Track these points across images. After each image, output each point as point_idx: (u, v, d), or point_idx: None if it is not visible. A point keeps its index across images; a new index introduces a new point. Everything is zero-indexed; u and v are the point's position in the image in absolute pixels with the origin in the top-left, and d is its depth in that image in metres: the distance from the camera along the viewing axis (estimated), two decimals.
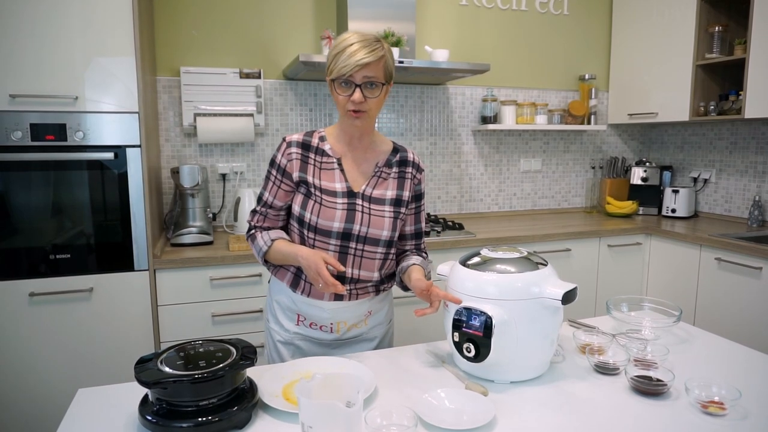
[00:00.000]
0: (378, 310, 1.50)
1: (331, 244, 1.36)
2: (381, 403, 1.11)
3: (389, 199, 1.42)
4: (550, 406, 1.11)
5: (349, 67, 1.27)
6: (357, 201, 1.38)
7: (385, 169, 1.44)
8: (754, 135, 3.06)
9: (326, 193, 1.37)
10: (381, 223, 1.39)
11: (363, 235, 1.37)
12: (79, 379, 2.10)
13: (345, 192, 1.38)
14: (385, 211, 1.40)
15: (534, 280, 1.18)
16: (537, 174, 3.48)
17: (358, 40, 1.28)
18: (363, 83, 1.29)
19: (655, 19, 3.16)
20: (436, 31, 3.12)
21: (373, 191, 1.41)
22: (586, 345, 1.34)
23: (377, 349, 1.52)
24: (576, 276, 2.84)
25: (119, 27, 2.00)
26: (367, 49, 1.28)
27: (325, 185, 1.38)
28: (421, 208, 1.51)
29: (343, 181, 1.39)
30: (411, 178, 1.46)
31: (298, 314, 1.45)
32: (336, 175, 1.39)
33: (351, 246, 1.37)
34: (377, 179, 1.42)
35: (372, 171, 1.43)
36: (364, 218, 1.37)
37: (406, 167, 1.46)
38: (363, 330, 1.48)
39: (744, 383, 1.18)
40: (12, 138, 1.95)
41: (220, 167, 2.79)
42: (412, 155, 1.49)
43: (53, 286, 2.04)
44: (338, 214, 1.36)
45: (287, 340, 1.47)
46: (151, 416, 0.99)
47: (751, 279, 2.44)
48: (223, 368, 1.02)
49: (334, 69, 1.29)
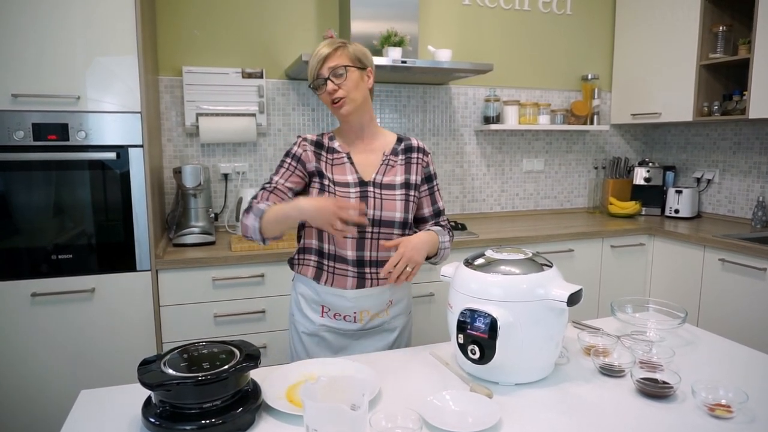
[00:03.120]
0: (398, 300, 1.57)
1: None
2: (386, 405, 1.11)
3: (399, 183, 1.50)
4: (556, 409, 1.10)
5: (313, 67, 1.42)
6: (369, 188, 1.47)
7: (392, 157, 1.53)
8: (758, 135, 3.05)
9: (339, 185, 1.46)
10: (393, 205, 1.47)
11: (377, 218, 1.46)
12: (80, 379, 2.09)
13: (357, 182, 1.47)
14: (396, 194, 1.49)
15: (539, 282, 1.17)
16: (540, 174, 3.48)
17: (324, 45, 1.42)
18: (329, 74, 1.41)
19: (659, 18, 3.15)
20: (439, 31, 3.11)
21: (383, 178, 1.50)
22: (591, 347, 1.34)
23: (399, 338, 1.58)
24: (579, 277, 2.83)
25: (121, 26, 2.00)
26: (327, 47, 1.42)
27: (338, 178, 1.47)
28: (434, 188, 1.59)
29: (354, 173, 1.48)
30: (417, 162, 1.55)
31: (323, 306, 1.51)
32: (347, 168, 1.49)
33: (367, 230, 1.46)
34: (386, 167, 1.51)
35: (380, 160, 1.52)
36: (376, 203, 1.46)
37: (411, 153, 1.55)
38: (385, 319, 1.54)
39: (751, 386, 1.17)
40: (14, 138, 1.95)
41: (222, 167, 2.79)
42: (417, 141, 1.58)
43: (55, 286, 2.04)
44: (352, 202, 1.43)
45: (313, 332, 1.53)
46: (154, 418, 0.98)
47: (756, 280, 2.43)
48: (227, 370, 1.01)
49: (309, 74, 1.45)
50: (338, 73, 1.41)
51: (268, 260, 2.27)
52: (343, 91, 1.41)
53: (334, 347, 1.53)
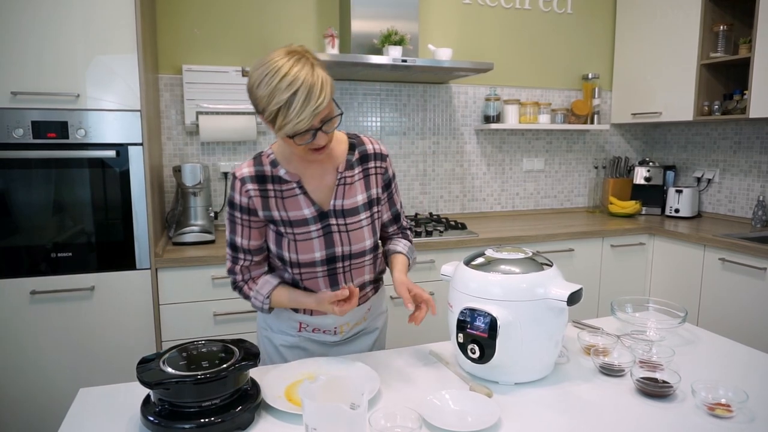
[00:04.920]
0: (376, 304, 1.51)
1: (318, 272, 1.32)
2: (385, 404, 1.10)
3: (362, 204, 1.34)
4: (555, 408, 1.10)
5: (305, 121, 1.11)
6: (330, 221, 1.30)
7: (348, 173, 1.32)
8: (759, 135, 3.05)
9: (297, 225, 1.29)
10: (361, 235, 1.33)
11: (347, 253, 1.33)
12: (80, 377, 2.09)
13: (315, 216, 1.29)
14: (362, 220, 1.33)
15: (539, 281, 1.17)
16: (540, 174, 3.47)
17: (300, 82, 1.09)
18: (322, 125, 1.16)
19: (660, 18, 3.14)
20: (439, 30, 3.10)
21: (344, 202, 1.31)
22: (590, 346, 1.33)
23: (379, 339, 1.54)
24: (579, 276, 2.83)
25: (121, 25, 2.00)
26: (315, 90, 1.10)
27: (293, 216, 1.29)
28: (392, 192, 1.43)
29: (309, 205, 1.29)
30: (376, 173, 1.37)
31: (300, 322, 1.41)
32: (300, 200, 1.29)
33: (338, 266, 1.33)
34: (344, 188, 1.32)
35: (335, 180, 1.32)
36: (343, 238, 1.31)
37: (368, 162, 1.36)
38: (364, 325, 1.49)
39: (751, 385, 1.17)
40: (13, 135, 1.94)
41: (222, 166, 2.78)
42: (372, 145, 1.37)
43: (54, 284, 2.03)
44: (316, 244, 1.29)
45: (292, 344, 1.44)
46: (153, 417, 0.98)
47: (755, 279, 2.43)
48: (226, 369, 1.01)
49: (285, 126, 1.11)
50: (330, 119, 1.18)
51: None
52: (330, 137, 1.21)
53: (314, 356, 1.42)
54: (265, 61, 1.13)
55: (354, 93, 2.99)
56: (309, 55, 1.15)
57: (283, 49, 1.15)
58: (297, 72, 1.10)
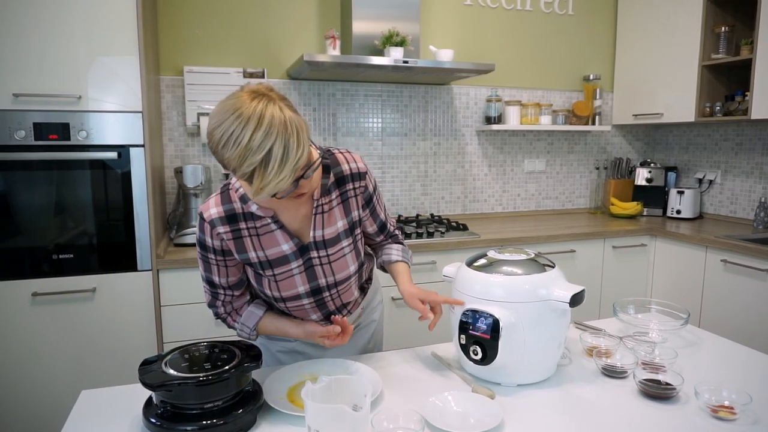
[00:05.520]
0: (368, 302, 1.48)
1: (305, 303, 1.28)
2: (387, 406, 1.10)
3: (342, 231, 1.25)
4: (558, 410, 1.09)
5: (287, 179, 0.97)
6: (312, 254, 1.22)
7: (324, 200, 1.22)
8: (761, 136, 3.05)
9: (277, 264, 1.20)
10: (344, 263, 1.27)
11: (332, 283, 1.27)
12: (81, 379, 2.09)
13: (295, 252, 1.21)
14: (344, 248, 1.26)
15: (541, 282, 1.16)
16: (541, 175, 3.47)
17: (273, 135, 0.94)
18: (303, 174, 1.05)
19: (661, 19, 3.14)
20: (441, 31, 3.10)
21: (324, 232, 1.22)
22: (593, 348, 1.33)
23: (376, 332, 1.52)
24: (581, 277, 2.83)
25: (123, 26, 2.00)
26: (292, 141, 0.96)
27: (271, 254, 1.19)
28: (374, 205, 1.33)
29: (288, 240, 1.19)
30: (355, 195, 1.26)
31: None
32: (278, 236, 1.19)
33: (325, 296, 1.29)
34: (322, 216, 1.22)
35: (312, 209, 1.21)
36: (326, 270, 1.25)
37: (345, 185, 1.24)
38: (360, 321, 1.47)
39: (754, 387, 1.17)
40: (15, 137, 1.94)
41: (223, 167, 2.78)
42: (347, 166, 1.24)
43: (56, 286, 2.04)
44: (298, 280, 1.23)
45: (289, 349, 1.41)
46: (155, 419, 0.98)
47: (758, 281, 2.42)
48: (228, 370, 1.01)
49: (264, 188, 0.97)
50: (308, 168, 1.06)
51: None
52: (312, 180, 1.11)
53: (313, 357, 1.40)
54: (226, 111, 0.97)
55: (355, 94, 2.99)
56: (274, 95, 1.00)
57: (244, 93, 0.99)
58: (268, 123, 0.95)
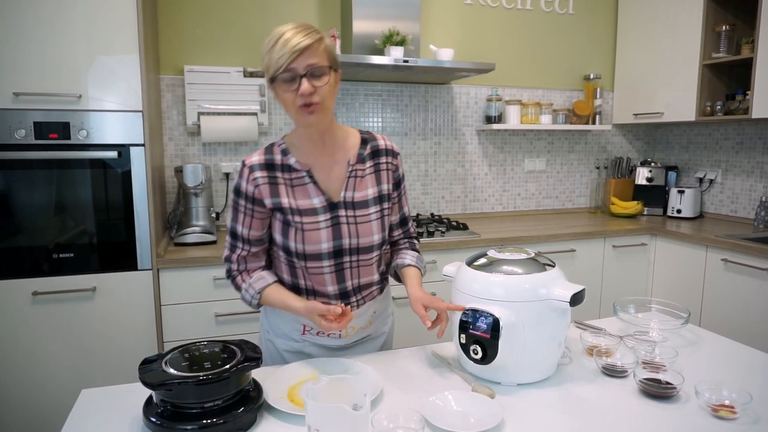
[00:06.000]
0: (382, 308, 1.48)
1: (325, 266, 1.29)
2: (387, 405, 1.10)
3: (372, 198, 1.32)
4: (558, 409, 1.09)
5: (286, 55, 1.14)
6: (339, 212, 1.29)
7: (359, 166, 1.32)
8: (761, 135, 3.04)
9: (305, 214, 1.27)
10: (369, 228, 1.31)
11: (354, 246, 1.30)
12: (81, 378, 2.09)
13: (325, 206, 1.28)
14: (371, 213, 1.31)
15: (542, 282, 1.16)
16: (541, 174, 3.47)
17: (291, 28, 1.17)
18: (307, 72, 1.16)
19: (661, 18, 3.14)
20: (441, 31, 3.10)
21: (354, 194, 1.30)
22: (593, 347, 1.33)
23: (385, 344, 1.52)
24: (581, 277, 2.83)
25: (123, 25, 2.00)
26: (302, 34, 1.15)
27: (302, 204, 1.27)
28: (401, 193, 1.42)
29: (319, 194, 1.28)
30: (387, 169, 1.36)
31: (304, 324, 1.38)
32: (310, 189, 1.28)
33: (345, 260, 1.30)
34: (354, 180, 1.31)
35: (346, 172, 1.31)
36: (351, 230, 1.29)
37: (379, 157, 1.35)
38: (370, 331, 1.46)
39: (754, 386, 1.17)
40: (15, 136, 1.94)
41: (223, 166, 2.78)
42: (384, 141, 1.37)
43: (56, 285, 2.04)
44: (324, 234, 1.27)
45: (296, 349, 1.41)
46: (155, 418, 0.98)
47: (758, 280, 2.42)
48: (228, 370, 1.01)
49: (271, 64, 1.16)
50: (317, 73, 1.17)
51: None
52: (319, 95, 1.18)
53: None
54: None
55: (355, 93, 2.99)
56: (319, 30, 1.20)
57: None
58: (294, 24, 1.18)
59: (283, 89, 1.18)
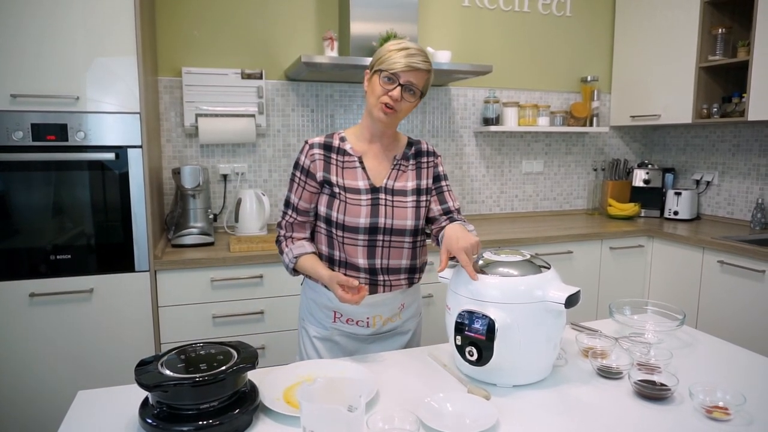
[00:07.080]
0: (410, 303, 1.56)
1: (360, 240, 1.42)
2: (383, 407, 1.11)
3: (410, 189, 1.48)
4: (553, 411, 1.10)
5: (401, 64, 1.34)
6: (380, 195, 1.45)
7: (403, 161, 1.51)
8: (757, 137, 3.05)
9: (350, 191, 1.43)
10: (404, 213, 1.45)
11: (389, 226, 1.44)
12: (78, 380, 2.09)
13: (368, 188, 1.44)
14: (408, 201, 1.47)
15: (537, 284, 1.17)
16: (539, 176, 3.48)
17: (418, 48, 1.37)
18: (405, 84, 1.36)
19: (658, 20, 3.15)
20: (439, 33, 3.11)
21: (395, 183, 1.47)
22: (588, 348, 1.34)
23: (411, 341, 1.58)
24: (578, 278, 2.83)
25: (121, 27, 2.00)
26: (422, 57, 1.37)
27: (348, 183, 1.44)
28: (443, 188, 1.55)
29: (365, 179, 1.45)
30: (427, 167, 1.53)
31: (335, 311, 1.49)
32: (358, 173, 1.45)
33: (378, 238, 1.44)
34: (397, 172, 1.49)
35: (391, 165, 1.49)
36: (387, 211, 1.44)
37: (422, 157, 1.53)
38: (397, 323, 1.54)
39: (749, 388, 1.17)
40: (13, 138, 1.95)
41: (221, 168, 2.79)
42: (426, 145, 1.56)
43: (53, 286, 2.03)
44: (363, 210, 1.42)
45: (325, 336, 1.51)
46: (151, 419, 0.98)
47: (754, 282, 2.43)
48: (225, 371, 1.01)
49: (385, 61, 1.36)
50: (412, 90, 1.38)
51: (266, 261, 2.27)
52: (400, 106, 1.38)
53: (346, 351, 1.50)
54: None
55: (353, 95, 2.99)
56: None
57: None
58: (418, 46, 1.39)
59: (381, 83, 1.37)
